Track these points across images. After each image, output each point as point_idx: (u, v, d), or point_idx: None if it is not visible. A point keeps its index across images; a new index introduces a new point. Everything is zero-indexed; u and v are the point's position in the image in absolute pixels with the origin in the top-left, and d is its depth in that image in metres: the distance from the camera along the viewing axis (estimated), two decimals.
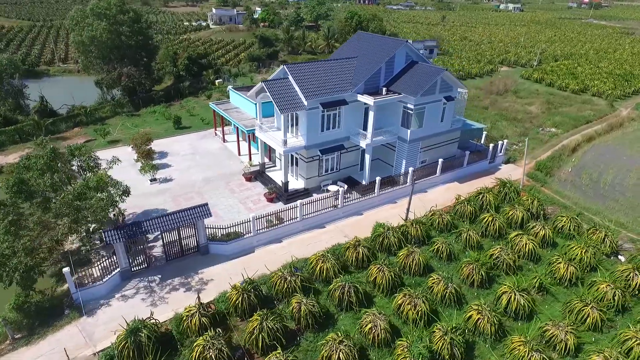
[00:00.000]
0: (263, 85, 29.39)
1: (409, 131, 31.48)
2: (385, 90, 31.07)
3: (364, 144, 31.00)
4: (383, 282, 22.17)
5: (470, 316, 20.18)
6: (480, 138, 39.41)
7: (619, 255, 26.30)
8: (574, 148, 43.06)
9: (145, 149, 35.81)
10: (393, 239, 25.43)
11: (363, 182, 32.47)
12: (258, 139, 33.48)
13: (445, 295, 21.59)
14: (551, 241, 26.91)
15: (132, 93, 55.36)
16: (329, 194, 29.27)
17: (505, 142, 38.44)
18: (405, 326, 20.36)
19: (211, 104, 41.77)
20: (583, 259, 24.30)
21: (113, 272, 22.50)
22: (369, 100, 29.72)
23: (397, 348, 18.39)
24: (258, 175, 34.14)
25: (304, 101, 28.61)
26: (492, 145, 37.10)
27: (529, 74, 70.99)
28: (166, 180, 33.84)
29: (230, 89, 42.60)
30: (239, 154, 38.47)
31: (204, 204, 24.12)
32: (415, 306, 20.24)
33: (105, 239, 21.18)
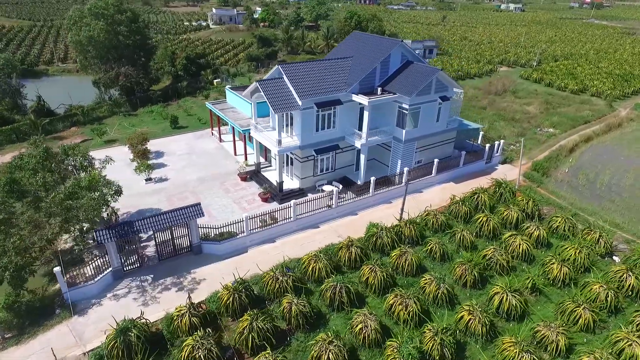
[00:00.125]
0: (257, 85, 29.36)
1: (404, 131, 31.40)
2: (380, 90, 30.99)
3: (359, 144, 30.93)
4: (375, 283, 22.11)
5: (461, 317, 20.10)
6: (477, 138, 39.31)
7: (613, 256, 26.19)
8: (572, 148, 42.92)
9: (141, 148, 35.82)
10: (386, 239, 25.37)
11: (358, 182, 32.41)
12: (254, 139, 33.46)
13: (437, 296, 21.52)
14: (545, 242, 26.80)
15: (130, 93, 55.39)
16: (324, 194, 29.22)
17: (502, 143, 38.33)
18: (397, 327, 20.30)
19: (207, 104, 41.76)
20: (577, 260, 24.21)
21: (105, 272, 22.48)
22: (363, 100, 29.66)
23: (387, 348, 18.34)
24: (253, 175, 34.11)
25: (298, 101, 28.56)
26: (489, 145, 37.00)
27: (528, 74, 70.83)
28: (161, 180, 33.82)
29: (227, 88, 42.58)
30: (235, 153, 38.46)
31: (197, 204, 24.10)
32: (407, 306, 20.17)
33: (97, 239, 21.17)
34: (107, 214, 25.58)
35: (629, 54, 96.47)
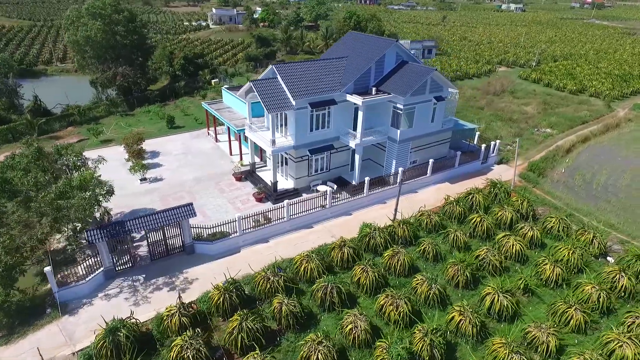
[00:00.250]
0: (251, 85, 29.33)
1: (399, 131, 31.34)
2: (375, 90, 30.94)
3: (354, 144, 30.88)
4: (367, 283, 22.05)
5: (452, 317, 20.03)
6: (473, 138, 39.20)
7: (607, 257, 26.09)
8: (569, 149, 42.79)
9: (136, 148, 35.80)
10: (379, 240, 25.31)
11: (353, 183, 32.35)
12: (249, 139, 33.42)
13: (428, 296, 21.45)
14: (539, 242, 26.69)
15: (127, 93, 55.38)
16: (318, 194, 29.17)
17: (498, 143, 38.23)
18: (387, 327, 20.24)
19: (203, 104, 41.75)
20: (570, 261, 24.12)
21: (96, 272, 22.46)
22: (357, 100, 29.60)
23: (377, 349, 18.28)
24: (248, 175, 34.07)
25: (292, 101, 28.52)
26: (485, 145, 36.91)
27: (527, 74, 70.67)
28: (156, 180, 33.80)
29: (223, 88, 42.56)
30: (230, 153, 38.43)
31: (189, 204, 24.06)
32: (397, 307, 20.11)
33: (88, 239, 21.15)
34: (100, 214, 25.57)
35: (628, 54, 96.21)
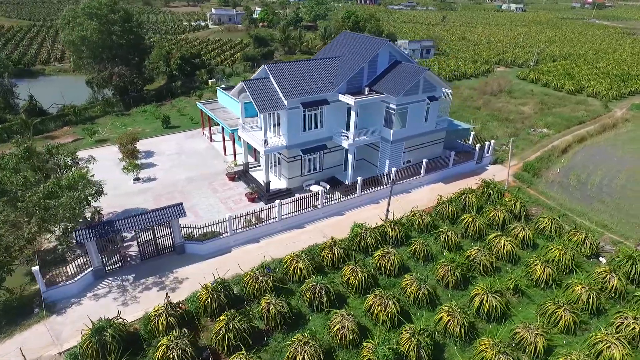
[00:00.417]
0: (243, 85, 29.28)
1: (392, 131, 31.26)
2: (368, 90, 30.88)
3: (346, 144, 30.82)
4: (356, 283, 21.98)
5: (440, 318, 19.96)
6: (468, 138, 39.10)
7: (599, 257, 25.99)
8: (565, 149, 42.67)
9: (130, 148, 35.79)
10: (370, 240, 25.24)
11: (346, 183, 32.29)
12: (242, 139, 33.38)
13: (418, 297, 21.38)
14: (531, 243, 26.59)
15: (124, 92, 55.40)
16: (310, 194, 29.10)
17: (493, 143, 38.11)
18: (375, 327, 20.16)
19: (198, 104, 41.74)
20: (561, 261, 24.01)
21: (85, 271, 22.43)
22: (350, 100, 29.54)
23: (364, 349, 18.22)
24: (242, 174, 34.03)
25: (284, 101, 28.47)
26: (479, 145, 36.79)
27: (525, 75, 70.51)
28: (150, 180, 33.77)
29: (218, 88, 42.52)
30: (224, 153, 38.40)
31: (179, 204, 24.01)
32: (386, 307, 20.03)
33: (76, 238, 21.12)
34: (91, 214, 25.54)
35: (628, 54, 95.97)
